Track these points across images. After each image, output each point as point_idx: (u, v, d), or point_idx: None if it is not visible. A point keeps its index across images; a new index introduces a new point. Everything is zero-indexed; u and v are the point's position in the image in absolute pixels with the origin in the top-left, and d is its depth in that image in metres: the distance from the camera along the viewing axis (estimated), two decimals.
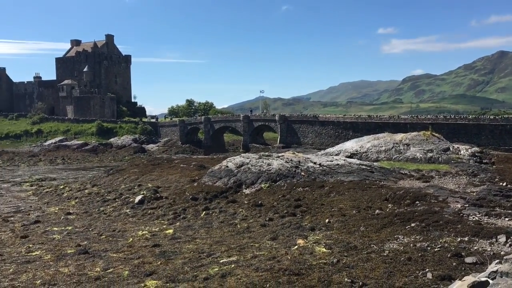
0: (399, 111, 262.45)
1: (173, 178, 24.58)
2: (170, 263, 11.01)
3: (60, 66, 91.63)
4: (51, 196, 26.49)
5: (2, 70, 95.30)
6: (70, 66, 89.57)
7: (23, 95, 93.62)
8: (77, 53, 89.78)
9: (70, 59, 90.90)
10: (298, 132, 59.90)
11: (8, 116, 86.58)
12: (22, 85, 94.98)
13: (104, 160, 58.01)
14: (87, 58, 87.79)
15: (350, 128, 54.41)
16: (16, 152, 62.03)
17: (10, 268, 11.53)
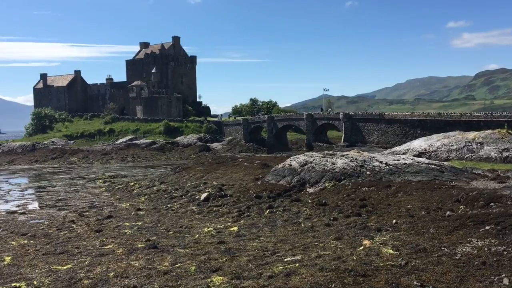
0: (471, 108, 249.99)
1: (237, 176, 24.88)
2: (235, 260, 11.15)
3: (130, 68, 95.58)
4: (122, 192, 27.72)
5: (78, 73, 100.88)
6: (139, 68, 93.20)
7: (96, 96, 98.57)
8: (146, 55, 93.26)
9: (139, 61, 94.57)
10: (363, 130, 58.67)
11: (83, 116, 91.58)
12: (95, 86, 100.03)
13: (171, 158, 59.86)
14: (155, 59, 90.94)
15: (418, 126, 52.53)
16: (90, 150, 65.45)
17: (86, 260, 12.19)
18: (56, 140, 74.58)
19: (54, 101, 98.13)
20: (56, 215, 21.15)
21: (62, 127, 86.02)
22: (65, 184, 34.57)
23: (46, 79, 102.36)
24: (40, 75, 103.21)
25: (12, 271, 11.52)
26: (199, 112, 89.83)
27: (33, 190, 32.62)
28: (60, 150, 65.32)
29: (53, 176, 41.42)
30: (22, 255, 13.39)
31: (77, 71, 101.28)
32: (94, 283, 9.93)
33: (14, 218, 21.10)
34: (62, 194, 29.07)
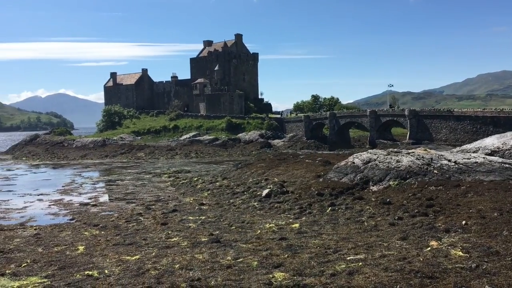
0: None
1: (299, 173, 24.81)
2: (296, 257, 11.14)
3: (194, 66, 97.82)
4: (186, 187, 28.48)
5: (145, 71, 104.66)
6: (203, 66, 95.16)
7: (162, 94, 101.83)
8: (209, 53, 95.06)
9: (203, 59, 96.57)
10: (429, 127, 56.53)
11: (149, 113, 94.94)
12: (161, 84, 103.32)
13: (233, 154, 60.69)
14: (218, 57, 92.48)
15: (490, 123, 49.88)
16: (156, 146, 67.75)
17: (153, 252, 12.64)
18: (125, 136, 77.85)
19: (123, 99, 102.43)
20: (124, 208, 22.11)
21: (130, 124, 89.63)
22: (133, 178, 36.02)
23: (116, 77, 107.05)
24: (110, 74, 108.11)
25: (85, 260, 12.18)
26: (260, 109, 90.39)
27: (103, 184, 34.28)
28: (128, 145, 68.11)
29: (122, 171, 43.30)
30: (94, 245, 14.12)
31: (144, 69, 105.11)
32: (161, 274, 10.28)
33: (86, 210, 22.29)
34: (130, 188, 30.32)
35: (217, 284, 9.37)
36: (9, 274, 11.19)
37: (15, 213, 22.26)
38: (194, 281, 9.50)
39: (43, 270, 11.39)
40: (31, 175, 41.85)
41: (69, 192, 29.31)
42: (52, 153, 66.57)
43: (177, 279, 9.79)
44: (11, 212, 22.34)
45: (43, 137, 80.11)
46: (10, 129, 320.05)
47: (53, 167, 50.50)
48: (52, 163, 56.09)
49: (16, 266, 11.86)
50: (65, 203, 24.72)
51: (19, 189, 31.18)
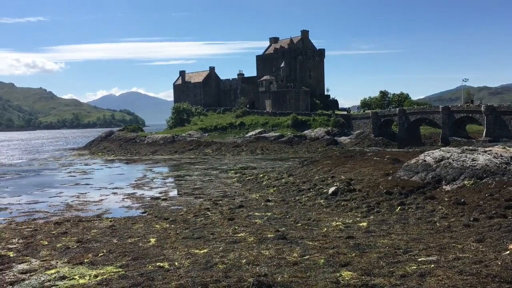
0: None
1: (366, 171, 24.26)
2: (364, 256, 10.90)
3: (260, 63, 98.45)
4: (252, 183, 28.75)
5: (212, 69, 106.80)
6: (269, 63, 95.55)
7: (228, 91, 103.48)
8: (275, 50, 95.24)
9: (269, 56, 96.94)
10: (509, 124, 53.20)
11: (216, 110, 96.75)
12: (227, 82, 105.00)
13: (299, 151, 60.50)
14: (284, 54, 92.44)
15: None
16: (222, 142, 68.97)
17: (220, 246, 12.88)
18: (193, 133, 79.89)
19: (191, 96, 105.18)
20: (193, 203, 22.71)
21: (198, 121, 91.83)
22: (200, 174, 36.91)
23: (184, 76, 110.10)
24: (179, 72, 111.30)
25: (157, 252, 12.64)
26: (326, 106, 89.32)
27: (172, 179, 35.42)
28: (196, 142, 69.86)
29: (190, 166, 44.51)
30: (165, 237, 14.63)
31: (211, 67, 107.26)
32: (228, 268, 10.44)
33: (157, 203, 23.13)
34: (198, 183, 31.09)
35: (283, 280, 9.36)
36: (87, 263, 11.85)
37: (92, 205, 23.54)
38: (260, 277, 9.55)
39: (118, 260, 11.95)
40: (106, 170, 44.08)
41: (141, 186, 30.55)
42: (125, 149, 69.72)
43: (244, 274, 9.90)
44: (88, 205, 23.66)
45: (117, 133, 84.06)
46: (87, 126, 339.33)
47: (126, 162, 52.88)
48: (125, 158, 58.75)
49: (93, 256, 12.54)
50: (138, 197, 25.80)
51: (95, 183, 32.94)
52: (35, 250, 13.70)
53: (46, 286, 9.96)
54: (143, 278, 10.07)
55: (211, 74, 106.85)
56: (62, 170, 44.13)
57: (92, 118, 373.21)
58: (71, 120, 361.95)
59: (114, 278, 10.21)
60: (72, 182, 33.62)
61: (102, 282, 9.95)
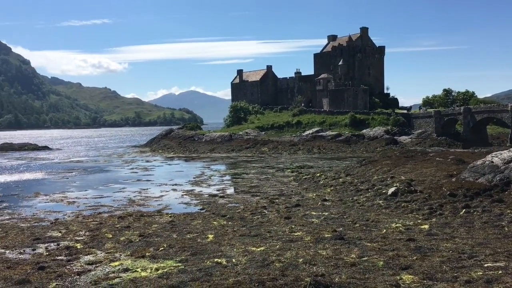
0: None
1: (428, 171, 23.42)
2: (426, 260, 10.54)
3: (317, 61, 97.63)
4: (309, 182, 28.57)
5: (269, 68, 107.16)
6: (326, 61, 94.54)
7: (285, 90, 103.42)
8: (333, 47, 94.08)
9: (326, 54, 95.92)
10: None
11: (273, 109, 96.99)
12: (284, 80, 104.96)
13: (356, 150, 59.45)
14: (342, 52, 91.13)
15: None
16: (279, 141, 69.05)
17: (277, 244, 12.90)
18: (249, 131, 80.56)
19: (248, 95, 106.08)
20: (249, 201, 22.89)
21: (255, 119, 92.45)
22: (257, 172, 37.15)
23: (242, 74, 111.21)
24: (237, 71, 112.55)
25: (214, 248, 12.85)
26: (386, 104, 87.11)
27: (230, 177, 35.88)
28: (252, 140, 70.38)
29: (247, 165, 44.90)
30: (222, 234, 14.84)
31: (268, 66, 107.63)
32: (285, 267, 10.44)
33: (215, 200, 23.53)
34: (254, 181, 31.31)
35: (341, 281, 9.24)
36: (148, 256, 12.25)
37: (153, 201, 24.31)
38: (318, 277, 9.48)
39: (178, 254, 12.26)
40: (166, 167, 45.38)
41: (199, 183, 31.19)
42: (184, 147, 71.44)
43: (301, 273, 9.85)
44: (149, 200, 24.45)
45: (177, 131, 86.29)
46: (148, 124, 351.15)
47: (185, 159, 54.19)
48: (184, 156, 60.21)
49: (154, 250, 12.95)
50: (196, 194, 26.36)
51: (156, 179, 34.00)
52: (100, 243, 14.34)
53: (110, 278, 10.39)
54: (202, 273, 10.27)
55: (268, 72, 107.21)
56: (125, 166, 45.89)
57: (153, 117, 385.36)
58: (133, 118, 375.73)
59: (174, 272, 10.48)
60: (134, 178, 34.88)
61: (163, 276, 10.25)
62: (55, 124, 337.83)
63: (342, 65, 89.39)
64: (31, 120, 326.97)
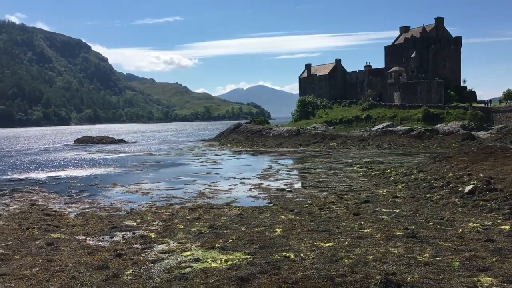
0: None
1: (509, 169, 22.00)
2: (507, 262, 9.95)
3: (388, 54, 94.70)
4: (379, 178, 27.85)
5: (338, 61, 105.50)
6: (398, 53, 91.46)
7: (354, 84, 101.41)
8: (405, 39, 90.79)
9: (398, 46, 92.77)
10: None
11: (341, 103, 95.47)
12: (354, 74, 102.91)
13: (430, 146, 57.11)
14: (415, 43, 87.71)
15: None
16: (347, 136, 67.85)
17: (346, 240, 12.71)
18: (317, 126, 79.82)
19: (316, 89, 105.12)
20: (317, 195, 22.71)
21: (323, 114, 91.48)
22: (325, 167, 36.76)
23: (310, 69, 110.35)
24: (305, 65, 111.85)
25: (282, 242, 12.90)
26: (462, 98, 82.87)
27: (297, 171, 35.79)
28: (320, 135, 69.68)
29: (314, 159, 44.56)
30: (290, 228, 14.86)
31: (337, 59, 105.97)
32: (354, 263, 10.27)
33: (282, 195, 23.57)
34: (322, 176, 31.00)
35: (413, 280, 8.95)
36: (218, 247, 12.53)
37: (222, 193, 24.80)
38: (389, 275, 9.24)
39: (246, 247, 12.44)
40: (234, 161, 46.09)
41: (267, 177, 31.38)
42: (252, 141, 72.18)
43: (371, 271, 9.66)
44: (218, 193, 24.97)
45: (245, 126, 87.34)
46: (217, 118, 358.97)
47: (253, 154, 54.73)
48: (252, 150, 60.85)
49: (223, 242, 13.22)
50: (264, 188, 26.55)
51: (224, 173, 34.64)
52: (172, 233, 14.86)
53: (182, 267, 10.74)
54: (270, 266, 10.34)
55: (337, 66, 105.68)
56: (195, 160, 47.17)
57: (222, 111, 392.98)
58: (203, 113, 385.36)
59: (243, 264, 10.65)
60: (204, 172, 35.76)
61: (232, 267, 10.44)
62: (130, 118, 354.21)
63: (415, 57, 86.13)
64: (108, 115, 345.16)
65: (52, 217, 18.50)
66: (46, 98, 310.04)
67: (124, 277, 10.20)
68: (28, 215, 19.11)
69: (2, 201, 23.24)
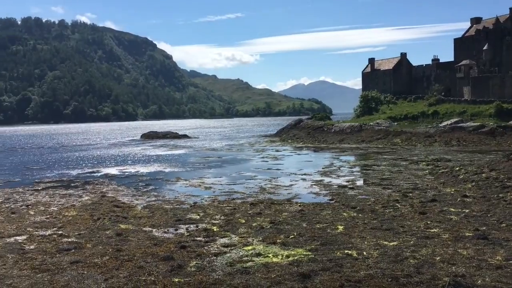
0: None
1: None
2: None
3: (458, 46, 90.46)
4: (446, 176, 26.74)
5: (403, 55, 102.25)
6: (469, 46, 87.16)
7: (420, 78, 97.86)
8: (477, 31, 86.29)
9: (469, 38, 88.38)
10: None
11: (406, 99, 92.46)
12: (420, 68, 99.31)
13: (502, 143, 54.01)
14: (488, 35, 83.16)
15: None
16: (413, 132, 65.62)
17: (411, 240, 12.32)
18: (381, 122, 77.84)
19: (380, 84, 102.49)
20: (380, 193, 22.16)
21: (387, 109, 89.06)
22: (388, 164, 35.79)
23: (374, 63, 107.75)
24: (368, 60, 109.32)
25: (344, 239, 12.71)
26: None
27: (359, 168, 35.13)
28: (384, 131, 67.88)
29: (377, 156, 43.51)
30: (352, 226, 14.61)
31: (402, 53, 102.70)
32: (420, 264, 9.94)
33: (344, 192, 23.22)
34: (386, 173, 30.21)
35: (484, 284, 8.53)
36: (279, 243, 12.56)
37: (283, 189, 24.82)
38: (457, 277, 8.86)
39: (308, 243, 12.38)
40: (295, 157, 45.97)
41: (328, 174, 31.04)
42: (313, 137, 71.64)
43: (438, 272, 9.31)
44: (279, 189, 25.01)
45: (306, 122, 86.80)
46: (278, 114, 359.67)
47: (314, 150, 54.33)
48: (313, 146, 60.40)
49: (285, 237, 13.23)
50: (325, 184, 26.28)
51: (285, 169, 34.64)
52: (234, 227, 15.07)
53: (244, 261, 10.87)
54: (332, 263, 10.23)
55: (402, 60, 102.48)
56: (256, 155, 47.54)
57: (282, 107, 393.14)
58: (264, 109, 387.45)
59: (304, 261, 10.61)
60: (265, 167, 35.95)
61: (293, 263, 10.43)
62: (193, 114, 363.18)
63: (488, 50, 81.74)
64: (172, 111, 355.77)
65: (120, 209, 19.36)
66: (115, 94, 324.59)
67: (188, 268, 10.48)
68: (98, 206, 20.11)
69: (75, 193, 24.62)
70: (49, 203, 21.32)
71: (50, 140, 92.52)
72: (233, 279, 9.57)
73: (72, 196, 23.32)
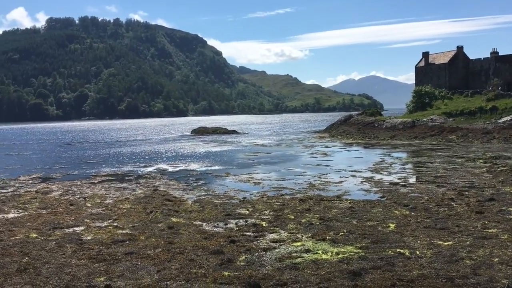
0: None
1: None
2: None
3: None
4: (506, 175, 25.56)
5: (460, 48, 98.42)
6: None
7: (478, 72, 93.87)
8: None
9: None
10: None
11: (463, 93, 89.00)
12: (478, 62, 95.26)
13: None
14: None
15: None
16: (469, 128, 63.08)
17: (467, 240, 11.87)
18: (435, 118, 75.31)
19: (434, 79, 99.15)
20: (434, 191, 21.47)
21: (441, 105, 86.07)
22: (443, 162, 34.62)
23: (428, 57, 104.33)
24: (422, 54, 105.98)
25: (396, 238, 12.42)
26: None
27: (412, 165, 34.18)
28: (438, 127, 65.66)
29: (431, 153, 42.16)
30: (405, 224, 14.25)
31: (459, 47, 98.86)
32: (477, 265, 9.56)
33: (396, 189, 22.68)
34: (440, 171, 29.24)
35: None
36: (328, 240, 12.45)
37: (332, 186, 24.56)
38: None
39: (358, 241, 12.19)
40: (345, 153, 45.37)
41: (379, 170, 30.41)
42: (364, 133, 70.36)
43: (496, 274, 8.93)
44: (329, 185, 24.77)
45: (356, 117, 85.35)
46: (327, 110, 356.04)
47: (364, 146, 53.38)
48: (364, 142, 59.39)
49: (334, 234, 13.10)
50: (376, 181, 25.78)
51: (335, 165, 34.25)
52: (283, 223, 15.08)
53: (293, 257, 10.86)
54: (383, 262, 10.04)
55: (458, 54, 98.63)
56: (305, 151, 47.29)
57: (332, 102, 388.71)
58: (313, 104, 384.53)
59: (354, 258, 10.46)
60: (314, 163, 35.70)
61: (343, 260, 10.32)
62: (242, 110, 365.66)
63: None
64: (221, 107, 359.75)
65: (172, 202, 19.83)
66: (167, 91, 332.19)
67: (238, 262, 10.59)
68: (151, 199, 20.69)
69: (129, 186, 25.45)
70: (104, 195, 22.17)
71: (105, 135, 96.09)
72: (282, 275, 9.58)
73: (126, 190, 24.13)
